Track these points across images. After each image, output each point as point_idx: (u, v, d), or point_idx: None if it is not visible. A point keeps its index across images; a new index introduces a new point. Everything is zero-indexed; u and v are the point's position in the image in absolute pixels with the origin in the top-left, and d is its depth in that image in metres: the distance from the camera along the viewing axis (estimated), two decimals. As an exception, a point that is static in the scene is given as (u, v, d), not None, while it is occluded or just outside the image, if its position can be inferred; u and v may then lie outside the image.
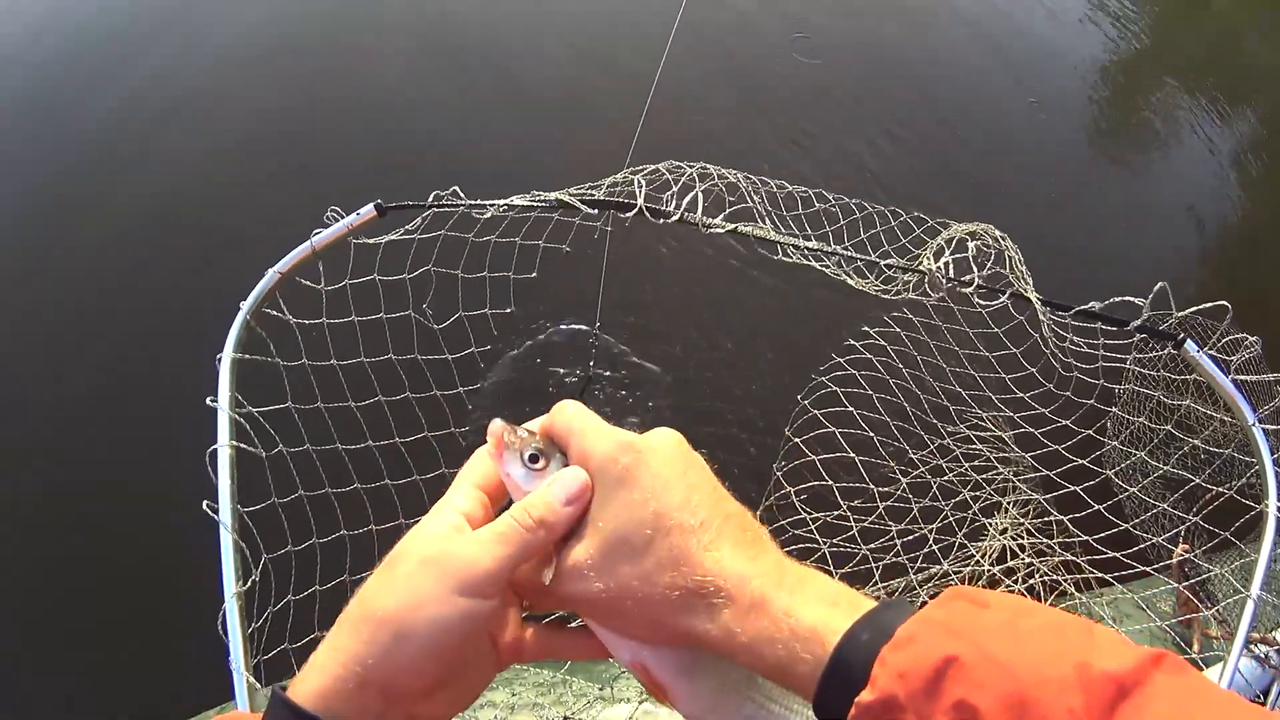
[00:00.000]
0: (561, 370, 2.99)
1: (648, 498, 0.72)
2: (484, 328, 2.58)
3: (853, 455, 2.63)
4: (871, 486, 2.69)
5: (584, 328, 3.01)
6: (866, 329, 2.82)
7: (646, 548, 0.71)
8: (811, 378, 2.72)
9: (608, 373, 3.07)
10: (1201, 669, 2.15)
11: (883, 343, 2.78)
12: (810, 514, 2.62)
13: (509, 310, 2.62)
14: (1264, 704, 1.94)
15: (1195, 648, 2.36)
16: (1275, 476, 1.97)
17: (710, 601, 0.70)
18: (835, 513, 2.61)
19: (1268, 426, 2.07)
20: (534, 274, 2.54)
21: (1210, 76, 6.84)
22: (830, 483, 2.67)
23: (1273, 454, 2.02)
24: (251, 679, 1.56)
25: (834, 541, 2.61)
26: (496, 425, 0.79)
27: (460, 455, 2.34)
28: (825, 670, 0.64)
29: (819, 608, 0.68)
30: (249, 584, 1.66)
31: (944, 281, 2.14)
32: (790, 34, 5.78)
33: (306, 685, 0.70)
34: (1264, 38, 8.10)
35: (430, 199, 2.07)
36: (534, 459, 0.78)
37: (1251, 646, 2.10)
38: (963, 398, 2.68)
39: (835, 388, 2.71)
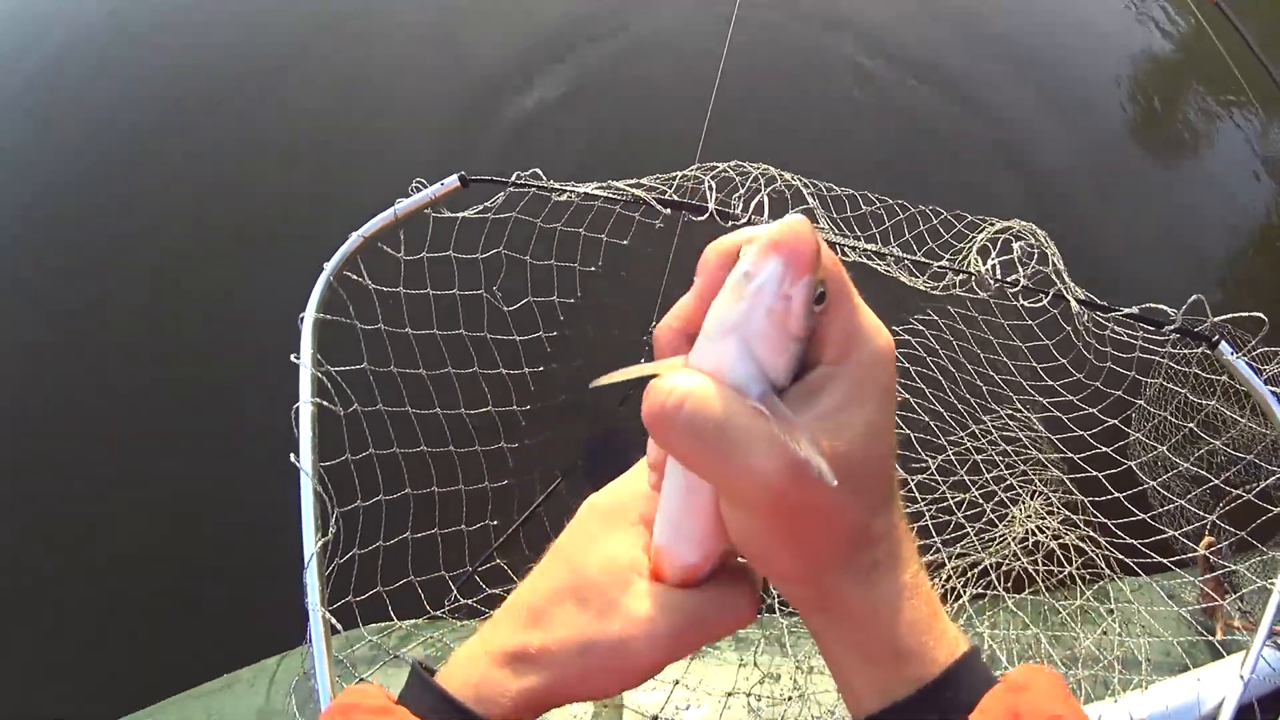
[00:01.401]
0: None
1: (890, 424, 0.59)
2: (551, 313, 2.65)
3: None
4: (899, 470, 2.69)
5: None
6: (906, 315, 2.88)
7: (877, 475, 0.59)
8: None
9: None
10: (1224, 655, 2.29)
11: (921, 328, 2.82)
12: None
13: (574, 299, 2.68)
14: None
15: (1219, 635, 2.36)
16: None
17: (882, 560, 0.60)
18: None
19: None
20: (597, 266, 2.59)
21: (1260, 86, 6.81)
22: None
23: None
24: (330, 617, 1.63)
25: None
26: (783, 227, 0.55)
27: (519, 432, 2.38)
28: (936, 679, 0.59)
29: (947, 619, 0.63)
30: (329, 534, 1.73)
31: (991, 282, 2.19)
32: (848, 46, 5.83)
33: (454, 676, 0.66)
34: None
35: (513, 177, 2.12)
36: (820, 297, 0.55)
37: (1277, 639, 2.02)
38: (996, 381, 2.72)
39: None
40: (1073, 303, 2.15)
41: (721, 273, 0.57)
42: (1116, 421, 2.46)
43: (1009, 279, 2.17)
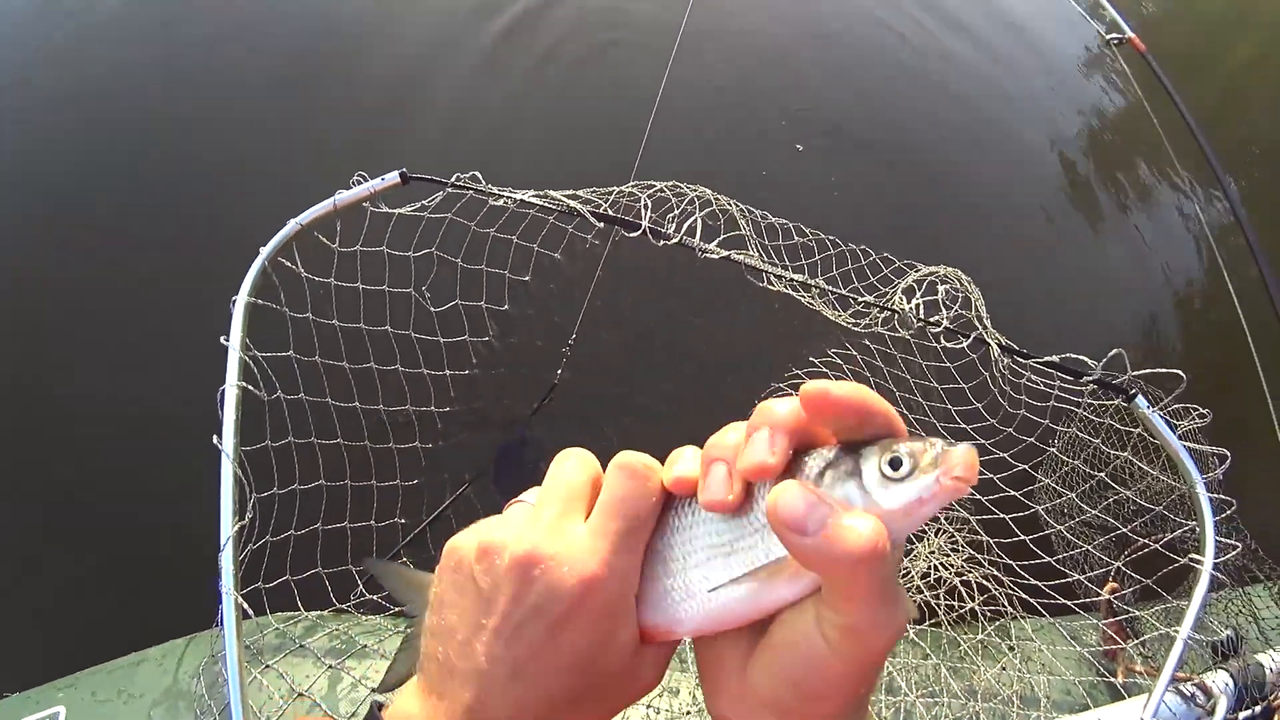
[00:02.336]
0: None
1: None
2: (477, 318, 2.74)
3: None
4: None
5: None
6: (825, 348, 2.98)
7: None
8: (773, 385, 2.89)
9: (573, 393, 3.32)
10: (1125, 697, 2.37)
11: (839, 362, 2.94)
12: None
13: (504, 307, 2.77)
14: None
15: (1120, 678, 2.45)
16: (1214, 536, 2.10)
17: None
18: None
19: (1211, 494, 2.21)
20: (527, 276, 2.70)
21: (1191, 156, 7.18)
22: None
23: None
24: (242, 601, 1.70)
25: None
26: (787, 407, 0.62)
27: (434, 433, 2.48)
28: None
29: None
30: (246, 519, 1.81)
31: (914, 321, 2.29)
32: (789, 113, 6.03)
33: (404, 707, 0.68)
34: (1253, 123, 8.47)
35: (453, 178, 2.22)
36: (895, 463, 0.59)
37: (1179, 686, 2.18)
38: (909, 420, 2.80)
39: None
40: (993, 347, 2.27)
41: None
42: (1026, 467, 2.58)
43: (931, 319, 2.28)
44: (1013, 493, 2.56)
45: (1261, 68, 8.94)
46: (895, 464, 0.59)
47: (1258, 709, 2.22)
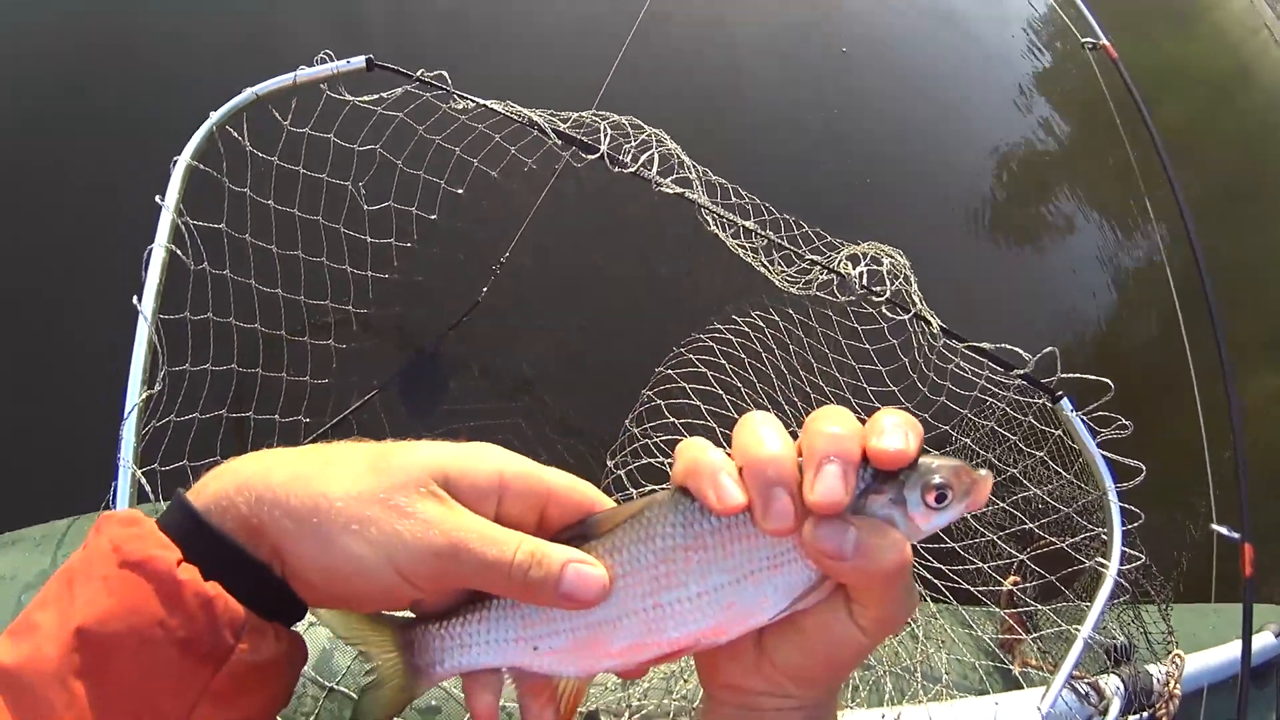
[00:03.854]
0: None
1: None
2: (407, 224, 2.85)
3: (711, 424, 2.76)
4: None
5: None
6: (749, 309, 3.06)
7: None
8: (694, 335, 2.97)
9: (492, 315, 3.40)
10: (1022, 687, 2.48)
11: (761, 325, 3.00)
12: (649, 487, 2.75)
13: (433, 217, 2.85)
14: None
15: (1016, 669, 2.57)
16: (1121, 544, 2.27)
17: None
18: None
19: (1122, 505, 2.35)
20: (460, 190, 2.79)
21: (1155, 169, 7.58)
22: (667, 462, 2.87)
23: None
24: (142, 478, 1.72)
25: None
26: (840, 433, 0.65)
27: (349, 334, 2.58)
28: None
29: None
30: (155, 389, 1.83)
31: (858, 288, 2.41)
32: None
33: (209, 489, 0.66)
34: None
35: (418, 73, 2.27)
36: (941, 496, 0.65)
37: (1075, 683, 2.30)
38: (825, 392, 2.91)
39: (698, 359, 2.87)
40: (934, 324, 2.38)
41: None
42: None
43: (875, 289, 2.40)
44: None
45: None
46: (941, 499, 0.66)
47: (1145, 715, 2.38)
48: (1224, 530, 2.42)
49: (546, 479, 0.71)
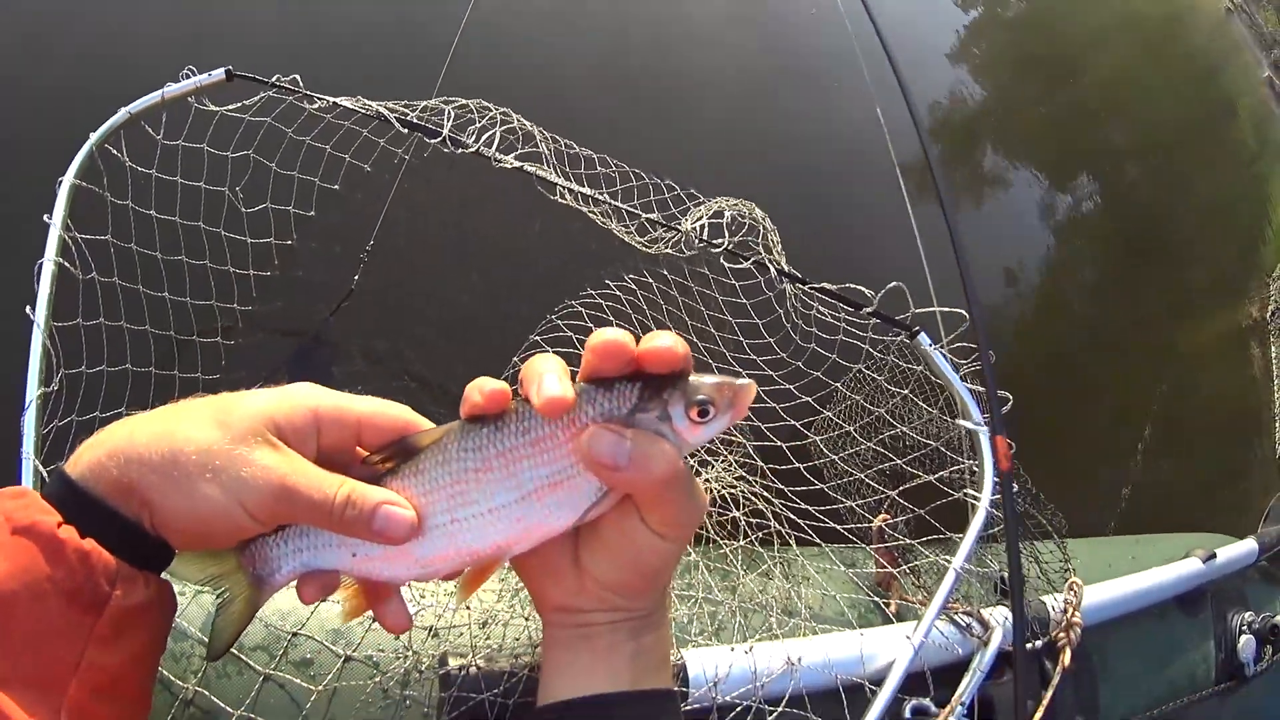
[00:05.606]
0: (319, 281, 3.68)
1: None
2: (285, 223, 3.13)
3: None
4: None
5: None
6: (622, 272, 3.25)
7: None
8: (567, 302, 3.17)
9: (368, 300, 3.75)
10: (898, 622, 2.48)
11: (633, 287, 3.19)
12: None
13: (310, 214, 3.14)
14: (966, 669, 2.28)
15: (892, 608, 2.59)
16: (992, 475, 2.33)
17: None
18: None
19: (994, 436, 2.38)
20: (336, 185, 3.07)
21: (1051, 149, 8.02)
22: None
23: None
24: (42, 469, 1.92)
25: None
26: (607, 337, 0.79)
27: (235, 331, 2.96)
28: (673, 691, 0.97)
29: None
30: (52, 387, 2.08)
31: (697, 241, 2.60)
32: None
33: (84, 459, 0.78)
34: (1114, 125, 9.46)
35: (273, 79, 2.51)
36: (703, 411, 0.79)
37: (954, 616, 2.35)
38: (699, 349, 3.02)
39: (583, 314, 3.10)
40: (771, 269, 2.53)
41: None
42: (812, 400, 2.82)
43: (715, 241, 2.57)
44: (792, 422, 2.83)
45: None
46: (704, 413, 0.78)
47: (1039, 643, 2.44)
48: (968, 425, 2.45)
49: (356, 408, 0.85)
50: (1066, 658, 2.44)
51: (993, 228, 7.15)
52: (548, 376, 0.77)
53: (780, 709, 2.06)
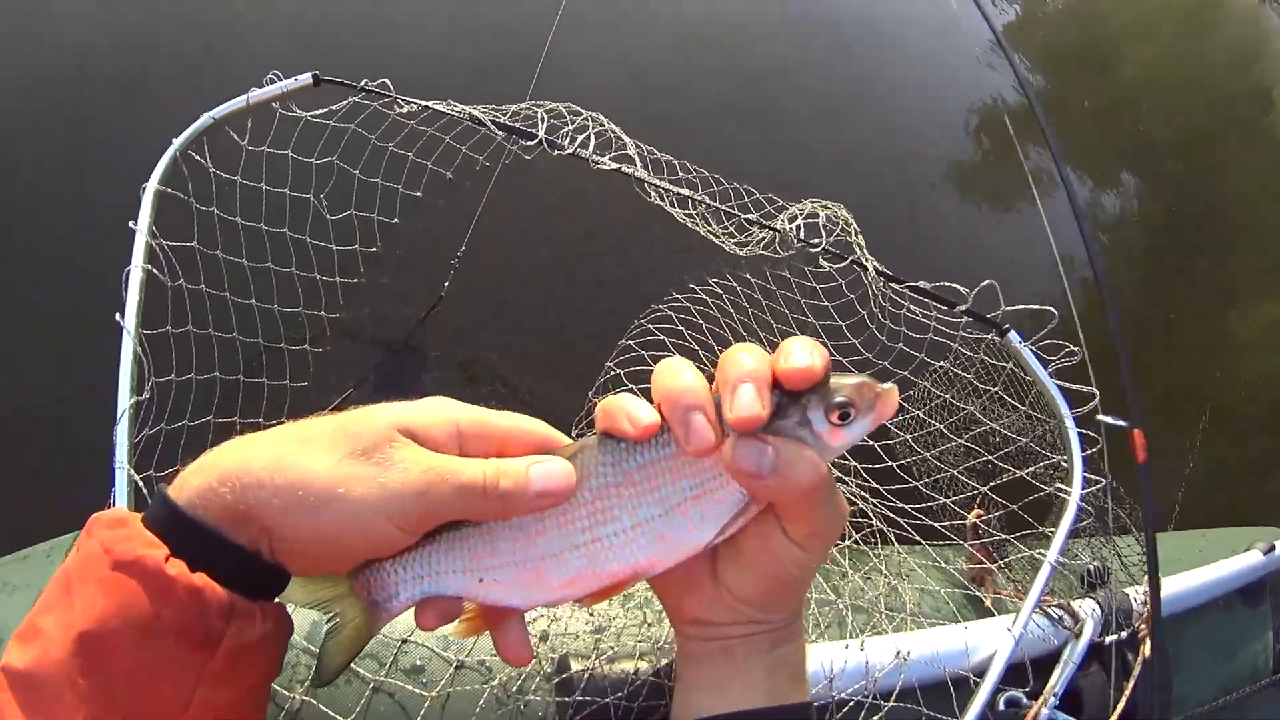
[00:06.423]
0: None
1: None
2: (369, 230, 3.09)
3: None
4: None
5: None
6: (707, 277, 3.19)
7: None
8: (653, 307, 3.13)
9: (457, 308, 3.69)
10: (995, 614, 2.44)
11: (719, 291, 3.14)
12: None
13: (395, 221, 3.08)
14: (1057, 661, 2.27)
15: (988, 601, 2.58)
16: (1081, 468, 2.32)
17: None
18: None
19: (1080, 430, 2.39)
20: (419, 192, 3.01)
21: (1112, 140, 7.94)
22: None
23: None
24: (136, 476, 1.88)
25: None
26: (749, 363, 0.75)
27: (323, 338, 2.88)
28: (806, 704, 0.92)
29: None
30: (144, 395, 2.03)
31: (795, 241, 2.55)
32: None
33: (192, 484, 0.73)
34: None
35: (361, 83, 2.49)
36: (844, 414, 0.75)
37: (1047, 609, 2.34)
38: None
39: (662, 326, 3.03)
40: (870, 268, 2.49)
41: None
42: (901, 400, 2.86)
43: (812, 240, 2.53)
44: (884, 422, 2.79)
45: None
46: (844, 416, 0.74)
47: (1123, 634, 2.40)
48: (1110, 420, 2.44)
49: (499, 424, 0.81)
50: (1147, 649, 2.42)
51: (1039, 227, 7.03)
52: (694, 414, 0.74)
53: (892, 703, 2.06)
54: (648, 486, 0.77)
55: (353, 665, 1.46)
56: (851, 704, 1.99)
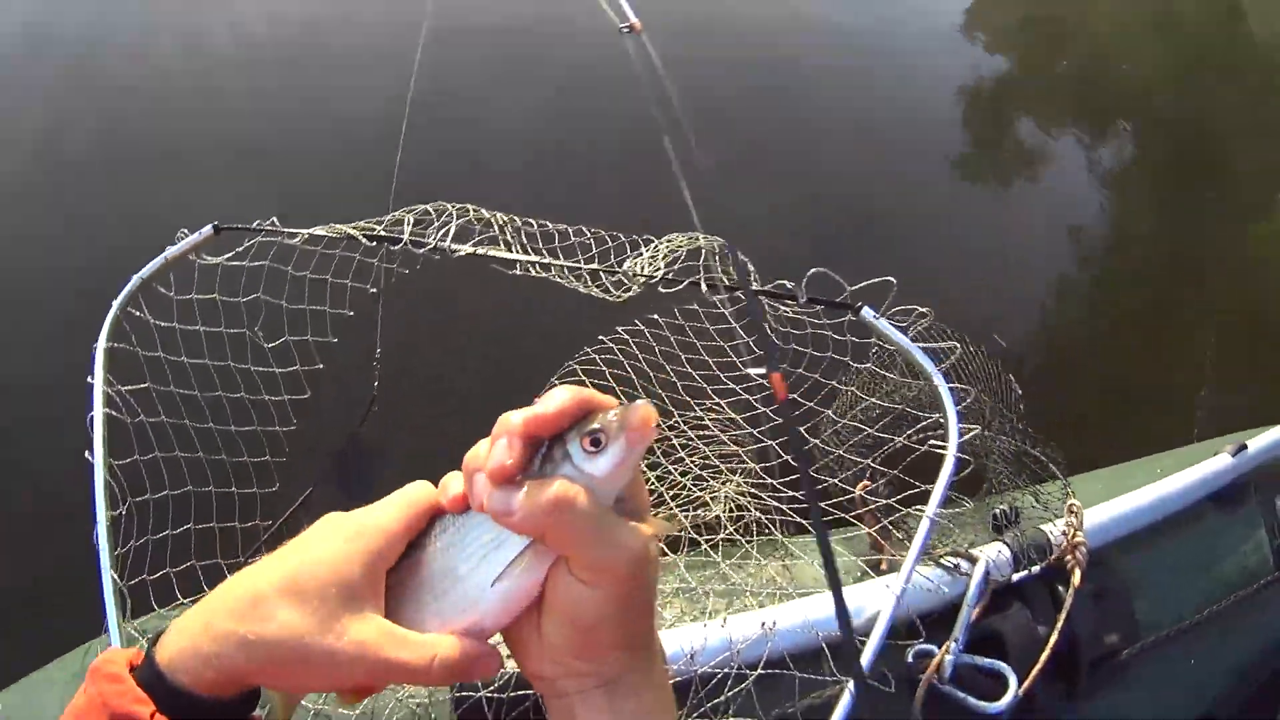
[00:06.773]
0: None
1: None
2: (305, 351, 3.36)
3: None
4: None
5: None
6: (616, 328, 3.33)
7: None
8: (566, 364, 3.30)
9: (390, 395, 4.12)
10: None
11: (627, 337, 3.27)
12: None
13: (334, 340, 3.37)
14: (958, 610, 2.31)
15: (884, 568, 2.60)
16: (955, 422, 2.37)
17: (658, 651, 0.94)
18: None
19: (952, 384, 2.47)
20: (350, 311, 3.28)
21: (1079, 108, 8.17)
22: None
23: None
24: (118, 579, 2.23)
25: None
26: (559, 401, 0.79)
27: (280, 448, 3.34)
28: None
29: None
30: (120, 510, 2.38)
31: (641, 277, 2.76)
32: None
33: (171, 646, 0.79)
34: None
35: (255, 224, 2.78)
36: (595, 441, 0.77)
37: (941, 560, 2.38)
38: (693, 378, 3.13)
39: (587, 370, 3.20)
40: (702, 285, 2.66)
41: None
42: (813, 404, 2.89)
43: (650, 274, 2.75)
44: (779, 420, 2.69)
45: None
46: (596, 442, 0.76)
47: (1035, 569, 2.46)
48: (754, 371, 2.59)
49: (390, 527, 0.87)
50: (1076, 578, 2.46)
51: (1044, 193, 7.38)
52: (476, 476, 0.80)
53: (759, 671, 2.14)
54: (464, 545, 0.84)
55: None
56: (717, 678, 2.12)
